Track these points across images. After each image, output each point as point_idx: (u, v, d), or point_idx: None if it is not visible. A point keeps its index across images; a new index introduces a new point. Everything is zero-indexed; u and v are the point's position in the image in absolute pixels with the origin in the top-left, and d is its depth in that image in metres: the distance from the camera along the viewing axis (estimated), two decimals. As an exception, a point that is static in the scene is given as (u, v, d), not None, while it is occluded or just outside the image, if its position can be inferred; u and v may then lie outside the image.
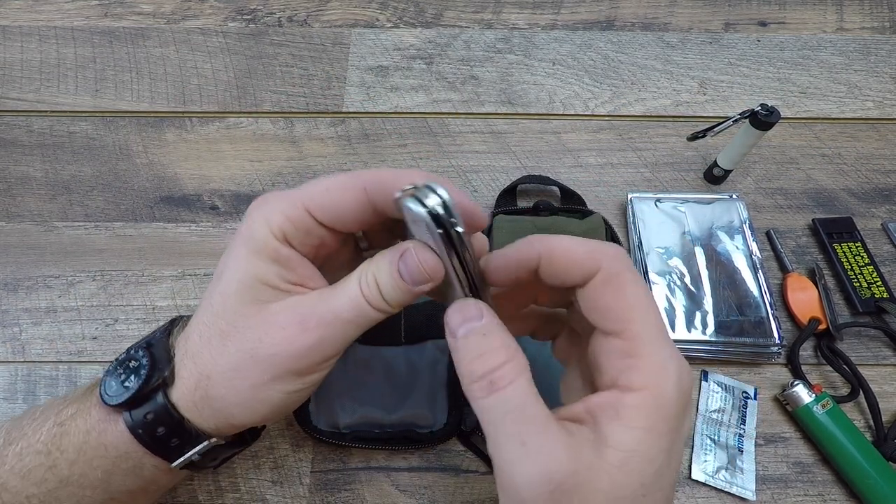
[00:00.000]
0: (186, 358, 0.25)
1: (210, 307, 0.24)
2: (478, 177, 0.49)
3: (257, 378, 0.24)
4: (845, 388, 0.40)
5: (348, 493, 0.37)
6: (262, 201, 0.24)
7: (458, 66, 0.55)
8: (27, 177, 0.49)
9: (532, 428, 0.20)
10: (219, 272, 0.25)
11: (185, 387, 0.24)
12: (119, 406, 0.24)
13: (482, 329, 0.22)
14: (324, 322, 0.23)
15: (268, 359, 0.23)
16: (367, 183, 0.23)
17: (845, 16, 0.57)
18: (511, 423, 0.20)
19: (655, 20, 0.57)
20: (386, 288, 0.23)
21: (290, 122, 0.52)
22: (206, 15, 0.57)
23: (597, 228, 0.43)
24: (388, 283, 0.23)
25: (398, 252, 0.23)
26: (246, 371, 0.24)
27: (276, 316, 0.23)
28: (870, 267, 0.44)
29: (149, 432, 0.25)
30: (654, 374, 0.21)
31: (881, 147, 0.50)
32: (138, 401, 0.24)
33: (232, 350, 0.24)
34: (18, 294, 0.44)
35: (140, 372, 0.24)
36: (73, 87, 0.53)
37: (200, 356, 0.24)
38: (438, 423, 0.37)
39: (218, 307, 0.24)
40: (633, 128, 0.52)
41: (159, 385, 0.24)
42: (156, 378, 0.24)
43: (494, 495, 0.37)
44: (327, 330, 0.23)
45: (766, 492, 0.38)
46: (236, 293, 0.24)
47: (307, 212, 0.23)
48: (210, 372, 0.24)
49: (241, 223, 0.25)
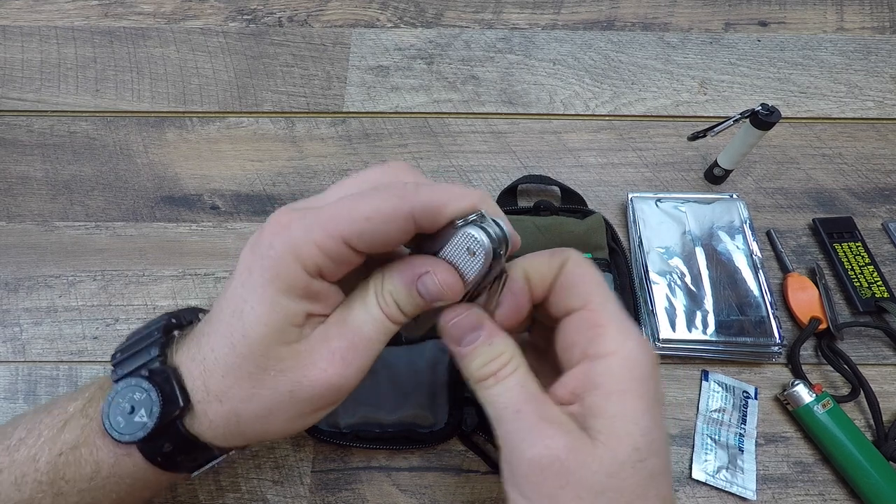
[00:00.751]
0: (211, 396, 0.23)
1: (232, 346, 0.22)
2: (478, 177, 0.49)
3: (294, 413, 0.23)
4: (846, 387, 0.40)
5: (349, 493, 0.37)
6: (284, 227, 0.22)
7: (458, 66, 0.55)
8: (28, 177, 0.49)
9: (531, 408, 0.22)
10: (237, 308, 0.22)
11: (212, 424, 0.23)
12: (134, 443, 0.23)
13: (486, 339, 0.23)
14: (360, 351, 0.23)
15: (308, 399, 0.23)
16: (417, 210, 0.21)
17: (845, 16, 0.57)
18: (512, 405, 0.22)
19: (656, 20, 0.57)
20: (405, 306, 0.23)
21: (291, 121, 0.52)
22: (206, 15, 0.57)
23: (597, 228, 0.43)
24: (406, 302, 0.23)
25: (413, 271, 0.22)
26: (283, 411, 0.23)
27: (311, 356, 0.22)
28: (870, 267, 0.44)
29: (168, 459, 0.24)
30: (619, 339, 0.22)
31: (881, 147, 0.50)
32: (155, 435, 0.23)
33: (266, 394, 0.23)
34: (19, 294, 0.44)
35: (151, 408, 0.23)
36: (73, 87, 0.53)
37: (228, 398, 0.23)
38: (439, 423, 0.37)
39: (243, 349, 0.22)
40: (634, 128, 0.52)
41: (175, 419, 0.23)
42: (171, 414, 0.23)
43: (495, 495, 0.37)
44: (363, 357, 0.23)
45: (767, 491, 0.38)
46: (264, 338, 0.22)
47: (345, 243, 0.21)
48: (241, 412, 0.23)
49: (259, 249, 0.22)
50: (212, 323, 0.23)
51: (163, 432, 0.23)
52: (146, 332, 0.26)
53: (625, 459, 0.20)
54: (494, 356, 0.23)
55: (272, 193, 0.48)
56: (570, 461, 0.21)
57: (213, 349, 0.23)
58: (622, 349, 0.22)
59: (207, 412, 0.23)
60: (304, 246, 0.21)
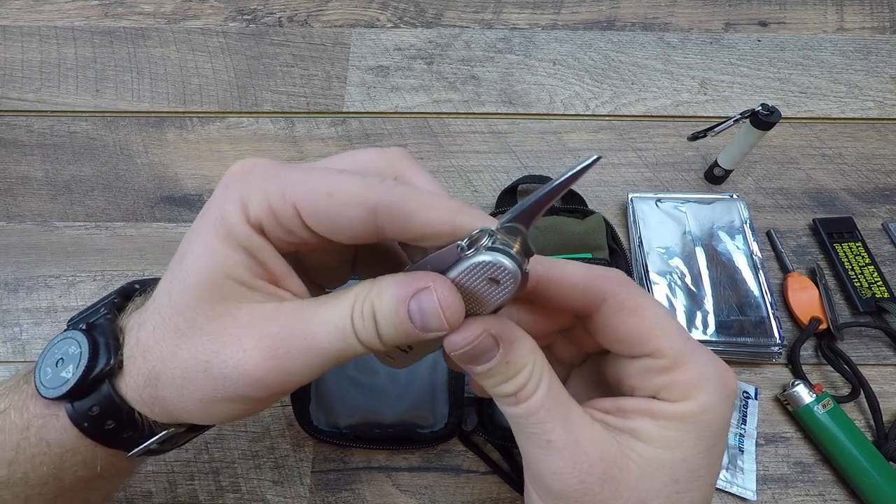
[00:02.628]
0: (137, 350, 0.21)
1: (168, 294, 0.21)
2: (478, 177, 0.49)
3: (207, 394, 0.20)
4: (846, 387, 0.40)
5: (349, 493, 0.37)
6: (243, 174, 0.20)
7: (458, 66, 0.55)
8: (28, 177, 0.49)
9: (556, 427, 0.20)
10: (182, 252, 0.21)
11: (135, 382, 0.21)
12: (58, 399, 0.22)
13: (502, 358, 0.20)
14: (297, 352, 0.19)
15: (220, 378, 0.20)
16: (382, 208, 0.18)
17: (845, 16, 0.57)
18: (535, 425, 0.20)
19: (656, 20, 0.57)
20: (385, 325, 0.19)
21: (291, 121, 0.52)
22: (206, 15, 0.57)
23: (597, 228, 0.43)
24: (388, 321, 0.19)
25: (410, 286, 0.19)
26: (195, 383, 0.20)
27: (240, 330, 0.20)
28: (870, 267, 0.44)
29: (96, 425, 0.22)
30: (695, 386, 0.20)
31: (881, 147, 0.50)
32: (80, 392, 0.21)
33: (184, 355, 0.20)
34: (19, 294, 0.44)
35: (79, 360, 0.21)
36: (73, 87, 0.53)
37: (151, 352, 0.21)
38: (439, 423, 0.37)
39: (177, 298, 0.20)
40: (634, 128, 0.52)
41: (103, 375, 0.21)
42: (99, 368, 0.21)
43: (495, 495, 0.37)
44: (299, 361, 0.19)
45: (767, 491, 0.37)
46: (198, 285, 0.20)
47: (295, 209, 0.19)
48: (159, 373, 0.21)
49: (214, 195, 0.21)
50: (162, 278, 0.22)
51: (88, 390, 0.21)
52: (105, 295, 0.24)
53: (657, 487, 0.20)
54: (512, 375, 0.20)
55: (272, 193, 0.48)
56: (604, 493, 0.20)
57: (154, 299, 0.22)
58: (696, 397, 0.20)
59: (132, 369, 0.21)
60: (253, 196, 0.19)
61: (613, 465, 0.20)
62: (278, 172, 0.20)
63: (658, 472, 0.20)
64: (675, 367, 0.21)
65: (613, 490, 0.20)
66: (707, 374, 0.21)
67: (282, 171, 0.20)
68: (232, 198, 0.20)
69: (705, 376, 0.20)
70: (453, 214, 0.19)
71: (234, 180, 0.20)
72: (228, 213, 0.19)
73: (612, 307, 0.21)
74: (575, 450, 0.20)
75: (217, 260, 0.20)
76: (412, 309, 0.19)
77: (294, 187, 0.19)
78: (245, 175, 0.20)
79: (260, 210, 0.19)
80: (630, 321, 0.21)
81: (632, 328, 0.21)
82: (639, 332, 0.21)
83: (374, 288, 0.20)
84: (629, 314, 0.21)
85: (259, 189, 0.19)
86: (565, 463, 0.20)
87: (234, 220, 0.19)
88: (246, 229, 0.19)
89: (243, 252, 0.20)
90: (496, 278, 0.18)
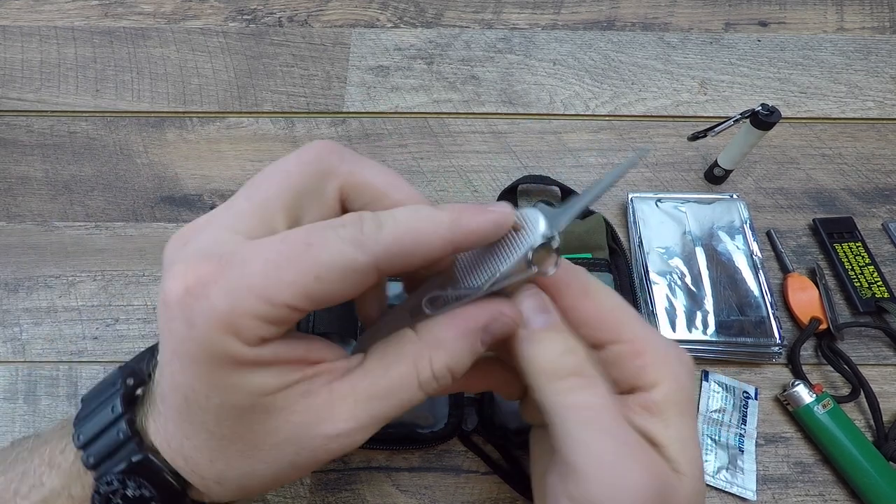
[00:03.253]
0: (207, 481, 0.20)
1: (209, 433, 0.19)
2: (478, 177, 0.49)
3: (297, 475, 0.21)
4: (846, 388, 0.40)
5: (349, 494, 0.37)
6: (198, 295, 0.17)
7: (458, 66, 0.55)
8: (27, 177, 0.49)
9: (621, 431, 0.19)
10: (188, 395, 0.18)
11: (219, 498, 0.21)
12: None
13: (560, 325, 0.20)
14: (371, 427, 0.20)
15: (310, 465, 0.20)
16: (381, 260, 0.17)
17: (845, 16, 0.57)
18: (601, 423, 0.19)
19: (656, 20, 0.57)
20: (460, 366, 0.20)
21: (291, 121, 0.52)
22: (206, 15, 0.57)
23: (597, 228, 0.43)
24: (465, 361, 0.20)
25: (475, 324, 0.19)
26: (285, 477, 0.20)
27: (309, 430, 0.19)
28: (870, 267, 0.44)
29: None
30: (665, 365, 0.21)
31: (882, 147, 0.50)
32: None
33: (263, 469, 0.20)
34: (19, 294, 0.44)
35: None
36: (73, 87, 0.53)
37: (226, 479, 0.20)
38: (439, 423, 0.37)
39: (220, 435, 0.19)
40: (634, 128, 0.52)
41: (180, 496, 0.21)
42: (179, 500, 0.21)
43: (495, 495, 0.37)
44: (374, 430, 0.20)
45: (767, 492, 0.37)
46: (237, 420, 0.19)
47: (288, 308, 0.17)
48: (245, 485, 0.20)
49: (173, 326, 0.17)
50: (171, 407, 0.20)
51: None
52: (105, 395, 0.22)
53: (701, 488, 0.20)
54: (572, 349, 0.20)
55: (272, 193, 0.48)
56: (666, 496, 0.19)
57: (187, 437, 0.20)
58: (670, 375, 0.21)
59: (210, 493, 0.21)
60: (237, 319, 0.17)
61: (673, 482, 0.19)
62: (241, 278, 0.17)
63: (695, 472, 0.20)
64: (642, 349, 0.21)
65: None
66: (671, 355, 0.21)
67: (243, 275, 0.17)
68: (210, 331, 0.17)
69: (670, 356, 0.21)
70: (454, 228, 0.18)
71: (189, 308, 0.17)
72: (220, 348, 0.17)
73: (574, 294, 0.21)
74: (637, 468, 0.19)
75: (244, 392, 0.18)
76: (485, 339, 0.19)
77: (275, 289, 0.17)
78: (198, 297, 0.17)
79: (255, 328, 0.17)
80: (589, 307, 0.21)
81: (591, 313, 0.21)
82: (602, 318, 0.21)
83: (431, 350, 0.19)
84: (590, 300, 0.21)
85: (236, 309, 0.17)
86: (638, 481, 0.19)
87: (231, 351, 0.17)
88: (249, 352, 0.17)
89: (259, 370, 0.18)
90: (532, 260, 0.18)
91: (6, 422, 0.40)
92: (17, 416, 0.40)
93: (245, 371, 0.18)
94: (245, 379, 0.18)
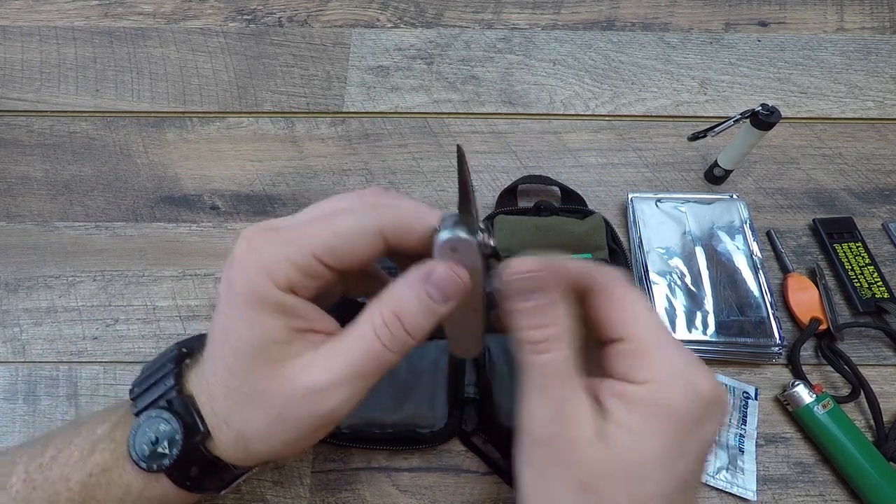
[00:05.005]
0: (218, 420, 0.24)
1: (226, 366, 0.23)
2: (478, 177, 0.49)
3: (290, 436, 0.24)
4: (846, 388, 0.40)
5: (349, 494, 0.37)
6: (251, 247, 0.23)
7: (458, 66, 0.55)
8: (27, 177, 0.49)
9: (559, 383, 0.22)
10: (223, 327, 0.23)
11: (224, 445, 0.24)
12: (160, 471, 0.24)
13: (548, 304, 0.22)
14: (347, 380, 0.23)
15: (296, 422, 0.23)
16: (387, 226, 0.22)
17: (845, 16, 0.57)
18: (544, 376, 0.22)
19: (656, 20, 0.57)
20: (411, 318, 0.22)
21: (291, 121, 0.52)
22: (206, 15, 0.57)
23: (597, 228, 0.43)
24: (413, 311, 0.22)
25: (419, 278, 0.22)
26: (277, 433, 0.24)
27: (293, 382, 0.23)
28: (870, 267, 0.44)
29: (196, 483, 0.25)
30: (657, 369, 0.22)
31: (881, 147, 0.50)
32: (182, 465, 0.24)
33: (260, 416, 0.23)
34: (19, 294, 0.44)
35: (175, 437, 0.24)
36: (73, 87, 0.53)
37: (232, 419, 0.24)
38: (439, 424, 0.37)
39: (234, 368, 0.23)
40: (634, 128, 0.52)
41: (198, 444, 0.24)
42: (195, 442, 0.24)
43: (494, 495, 0.37)
44: (351, 387, 0.23)
45: (767, 492, 0.37)
46: (249, 356, 0.23)
47: (315, 258, 0.22)
48: (245, 433, 0.24)
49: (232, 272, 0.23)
50: (209, 346, 0.24)
51: (188, 458, 0.24)
52: (160, 363, 0.27)
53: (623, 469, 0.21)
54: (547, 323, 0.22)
55: (272, 194, 0.48)
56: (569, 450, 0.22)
57: (213, 372, 0.24)
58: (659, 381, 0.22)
59: (219, 436, 0.24)
60: (274, 263, 0.22)
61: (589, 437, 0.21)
62: (285, 235, 0.23)
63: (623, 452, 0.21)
64: (643, 353, 0.22)
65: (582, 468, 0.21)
66: (673, 367, 0.22)
67: (287, 234, 0.23)
68: (254, 270, 0.22)
69: (671, 368, 0.22)
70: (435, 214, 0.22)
71: (246, 254, 0.23)
72: (257, 284, 0.22)
73: (598, 294, 0.24)
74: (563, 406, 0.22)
75: (260, 330, 0.22)
76: (429, 290, 0.22)
77: (307, 241, 0.22)
78: (255, 248, 0.23)
79: (287, 272, 0.22)
80: (609, 308, 0.23)
81: (609, 314, 0.23)
82: (616, 320, 0.23)
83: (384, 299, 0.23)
84: (611, 301, 0.23)
85: (277, 255, 0.22)
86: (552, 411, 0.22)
87: (263, 289, 0.22)
88: (277, 294, 0.22)
89: (280, 315, 0.22)
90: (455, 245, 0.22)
91: (6, 422, 0.40)
92: (17, 416, 0.40)
93: (268, 312, 0.22)
94: (265, 319, 0.22)
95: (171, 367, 0.26)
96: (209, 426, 0.24)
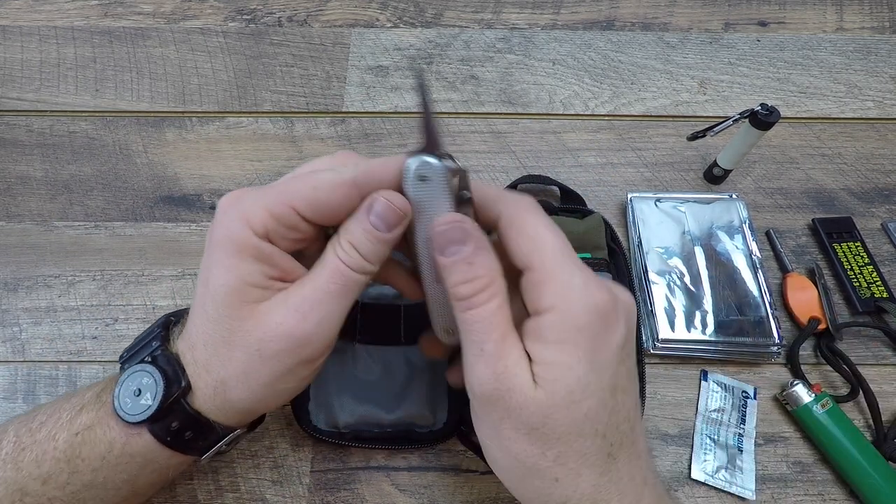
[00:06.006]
0: (198, 368, 0.25)
1: (205, 315, 0.25)
2: (478, 176, 0.49)
3: (269, 376, 0.25)
4: (845, 387, 0.40)
5: (348, 493, 0.37)
6: (236, 199, 0.24)
7: (458, 66, 0.55)
8: (27, 176, 0.49)
9: (492, 338, 0.23)
10: (204, 278, 0.25)
11: (205, 395, 0.25)
12: (141, 423, 0.25)
13: (469, 257, 0.23)
14: (316, 303, 0.24)
15: (274, 356, 0.24)
16: (359, 177, 0.23)
17: (845, 16, 0.57)
18: (477, 332, 0.23)
19: (655, 20, 0.57)
20: (363, 246, 0.24)
21: (290, 121, 0.52)
22: (206, 15, 0.57)
23: (596, 228, 0.43)
24: (363, 240, 0.24)
25: (363, 210, 0.24)
26: (257, 372, 0.24)
27: (269, 315, 0.24)
28: (869, 267, 0.44)
29: (177, 438, 0.26)
30: (558, 294, 0.23)
31: (881, 147, 0.50)
32: (162, 415, 0.25)
33: (238, 356, 0.24)
34: (18, 294, 0.44)
35: (156, 390, 0.25)
36: (73, 87, 0.53)
37: (211, 365, 0.25)
38: (438, 423, 0.37)
39: (213, 314, 0.24)
40: (633, 127, 0.52)
41: (178, 396, 0.25)
42: (174, 392, 0.25)
43: (494, 495, 0.37)
44: (321, 310, 0.24)
45: (766, 491, 0.38)
46: (226, 299, 0.24)
47: (293, 209, 0.23)
48: (224, 378, 0.25)
49: (214, 223, 0.24)
50: (193, 304, 0.26)
51: (169, 411, 0.25)
52: (148, 329, 0.28)
53: (558, 402, 0.22)
54: (472, 277, 0.23)
55: (272, 193, 0.48)
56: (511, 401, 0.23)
57: (193, 322, 0.26)
58: (560, 304, 0.23)
59: (199, 384, 0.25)
60: (252, 210, 0.23)
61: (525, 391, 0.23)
62: (265, 190, 0.24)
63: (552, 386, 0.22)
64: (545, 281, 0.23)
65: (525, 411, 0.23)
66: (572, 288, 0.23)
67: (267, 189, 0.24)
68: (234, 218, 0.24)
69: (569, 287, 0.23)
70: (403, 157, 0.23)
71: (228, 206, 0.24)
72: (235, 231, 0.23)
73: (503, 224, 0.24)
74: (498, 362, 0.23)
75: (236, 273, 0.24)
76: (373, 220, 0.23)
77: (285, 194, 0.24)
78: (236, 200, 0.24)
79: (264, 220, 0.23)
80: (513, 236, 0.24)
81: (513, 242, 0.24)
82: (519, 247, 0.24)
83: (341, 232, 0.24)
84: (514, 230, 0.24)
85: (256, 205, 0.24)
86: (489, 370, 0.23)
87: (242, 235, 0.23)
88: (254, 240, 0.23)
89: (256, 260, 0.24)
90: (423, 174, 0.23)
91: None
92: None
93: (244, 258, 0.23)
94: (242, 264, 0.24)
95: (158, 331, 0.27)
96: (190, 376, 0.25)
